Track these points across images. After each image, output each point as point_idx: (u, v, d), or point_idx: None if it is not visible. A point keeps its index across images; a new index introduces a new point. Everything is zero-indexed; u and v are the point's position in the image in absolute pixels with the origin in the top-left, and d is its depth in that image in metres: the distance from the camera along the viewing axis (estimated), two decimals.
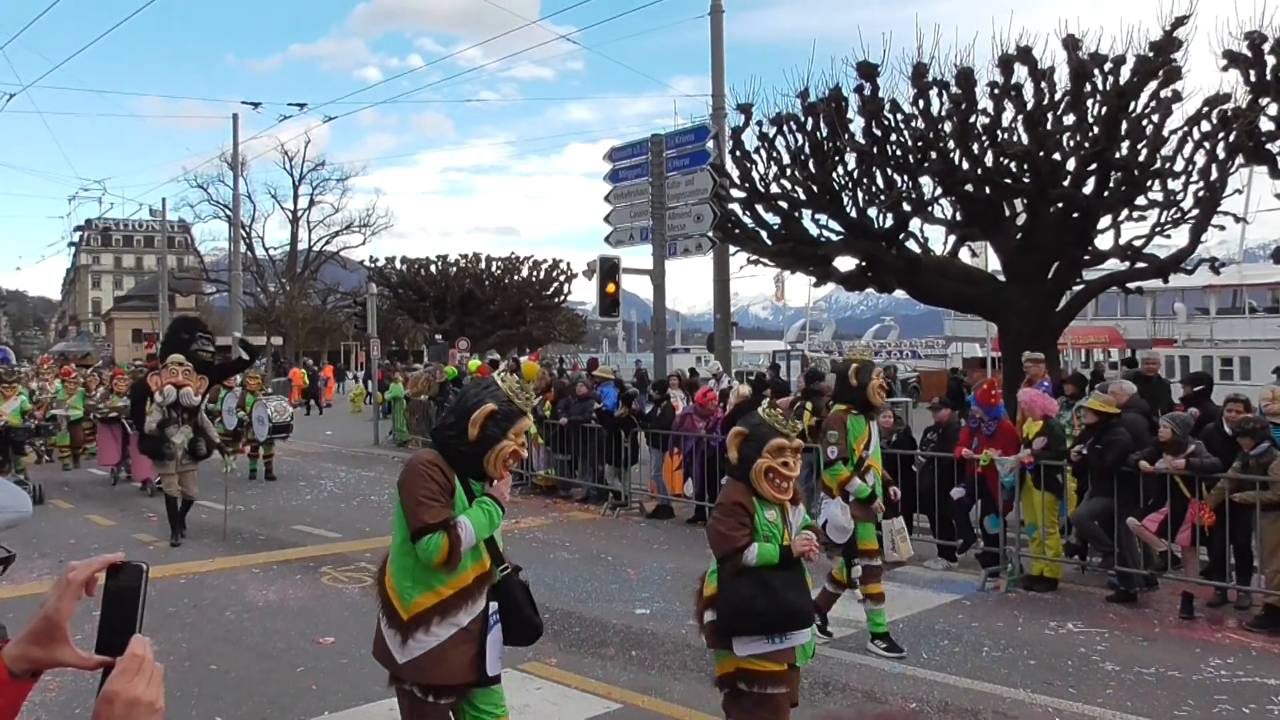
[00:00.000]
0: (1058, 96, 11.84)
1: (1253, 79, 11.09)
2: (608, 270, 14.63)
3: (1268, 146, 11.30)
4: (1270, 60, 10.96)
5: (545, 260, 41.29)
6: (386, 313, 40.33)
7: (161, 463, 9.97)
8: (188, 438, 9.83)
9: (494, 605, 3.39)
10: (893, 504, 6.70)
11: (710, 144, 14.88)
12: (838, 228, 13.68)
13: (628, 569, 8.80)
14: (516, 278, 40.16)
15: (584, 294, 43.85)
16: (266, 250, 51.05)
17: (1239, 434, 7.10)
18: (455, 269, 39.60)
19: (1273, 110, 11.15)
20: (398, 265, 40.26)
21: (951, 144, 12.35)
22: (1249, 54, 11.00)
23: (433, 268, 39.80)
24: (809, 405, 10.38)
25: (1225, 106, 11.36)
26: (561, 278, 40.84)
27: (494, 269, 40.19)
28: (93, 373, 18.95)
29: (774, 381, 14.32)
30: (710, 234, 14.62)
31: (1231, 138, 11.35)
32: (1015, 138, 12.11)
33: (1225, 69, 11.21)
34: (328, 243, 51.37)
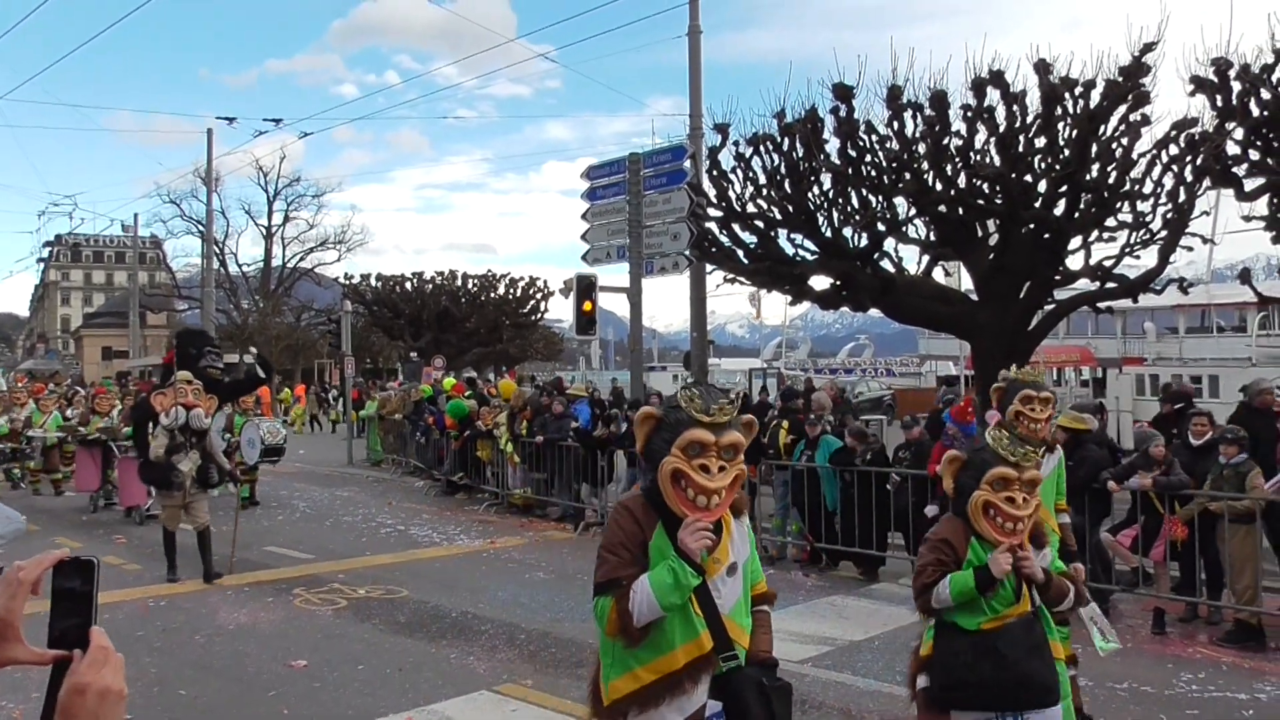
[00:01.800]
0: (1029, 119, 12.02)
1: (1219, 104, 11.34)
2: (585, 288, 14.65)
3: (1234, 170, 11.55)
4: (1236, 86, 11.21)
5: (522, 278, 41.29)
6: (361, 330, 40.09)
7: (167, 493, 9.02)
8: (196, 464, 8.89)
9: (716, 705, 2.52)
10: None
11: (687, 163, 14.98)
12: (813, 247, 13.77)
13: None
14: (493, 295, 40.10)
15: (561, 312, 43.78)
16: (240, 267, 50.70)
17: (1222, 442, 7.21)
18: (431, 286, 39.48)
19: (1238, 134, 11.40)
20: (373, 282, 40.06)
21: (925, 165, 12.50)
22: (1215, 79, 11.25)
23: (408, 285, 39.65)
24: (785, 424, 10.41)
25: (1192, 130, 11.60)
26: (538, 295, 40.81)
27: (470, 286, 40.11)
28: (69, 390, 18.23)
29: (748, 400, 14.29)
30: (687, 252, 14.68)
31: (1199, 161, 11.58)
32: (988, 159, 12.27)
33: (1192, 94, 11.46)
34: (302, 259, 51.08)
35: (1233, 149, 11.47)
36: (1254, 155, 11.47)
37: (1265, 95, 11.08)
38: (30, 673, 1.29)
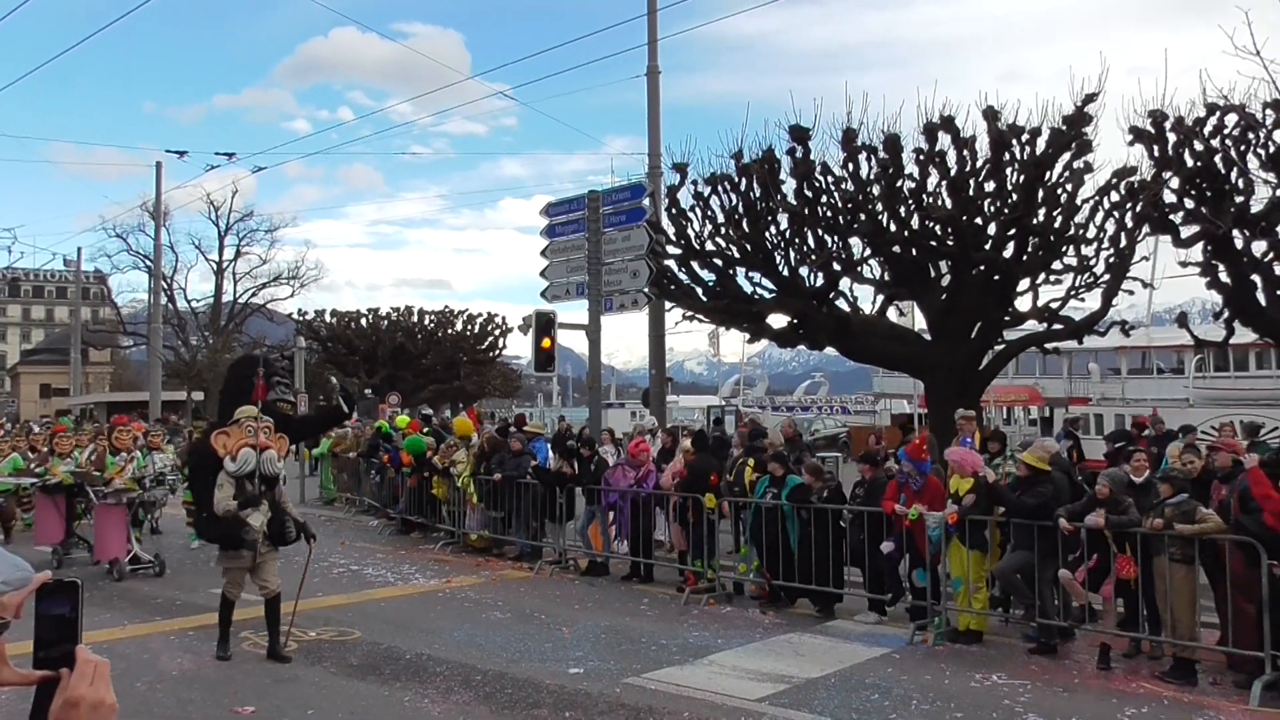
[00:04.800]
0: (979, 164, 12.41)
1: (1156, 154, 11.81)
2: (543, 325, 14.65)
3: (1170, 217, 12.00)
4: (1171, 137, 11.69)
5: (480, 314, 41.19)
6: (315, 367, 39.55)
7: (234, 553, 7.50)
8: (267, 518, 7.45)
9: None
10: None
11: (646, 201, 15.14)
12: (770, 286, 13.98)
13: (561, 627, 8.66)
14: (450, 331, 39.89)
15: (519, 348, 43.67)
16: (189, 302, 49.71)
17: (1161, 480, 7.40)
18: (387, 322, 39.18)
19: (1174, 184, 11.87)
20: (327, 318, 39.65)
21: (879, 206, 12.80)
22: (1152, 130, 11.73)
23: (363, 321, 39.30)
24: (750, 462, 10.44)
25: (1132, 179, 12.05)
26: (496, 332, 40.69)
27: (427, 323, 39.88)
28: (21, 430, 16.75)
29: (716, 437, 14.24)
30: (646, 290, 14.78)
31: (1138, 208, 12.02)
32: (940, 202, 12.61)
33: (1131, 144, 11.94)
34: (254, 295, 50.28)
35: (1169, 197, 11.94)
36: (1189, 204, 11.94)
37: (1198, 147, 11.57)
38: None
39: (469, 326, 40.48)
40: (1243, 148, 11.70)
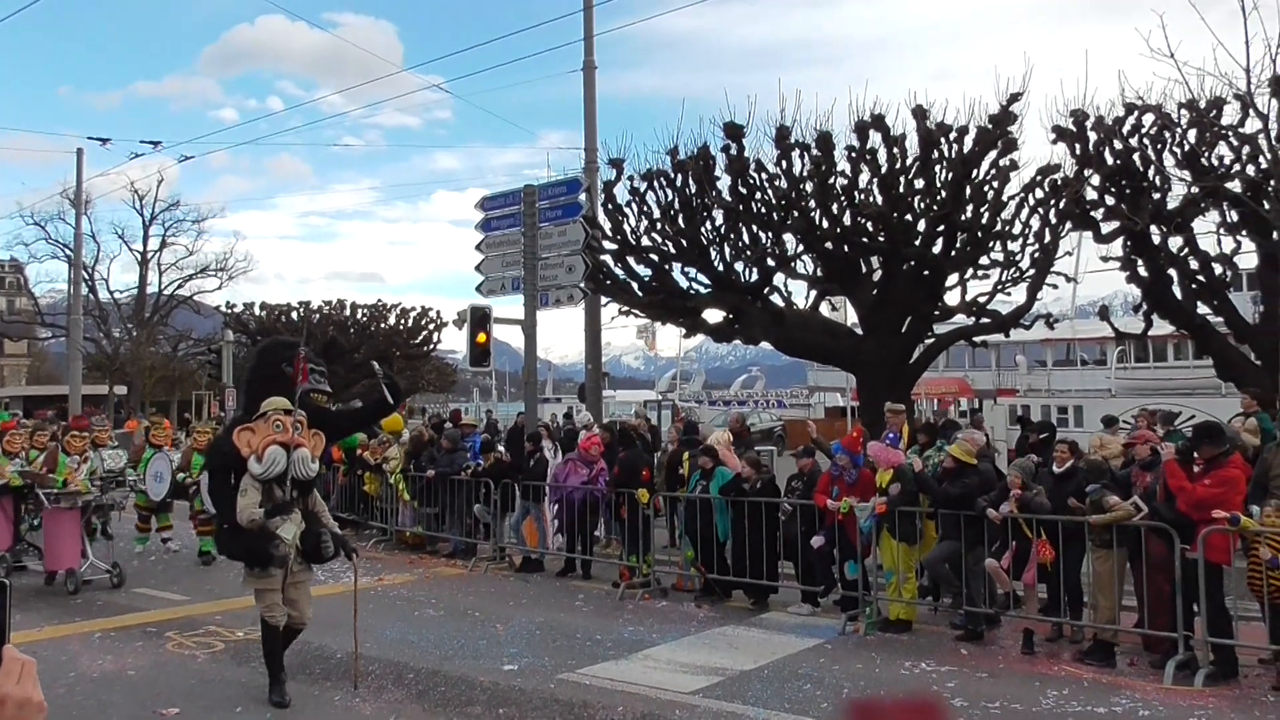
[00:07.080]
0: (909, 162, 12.65)
1: (1078, 152, 12.20)
2: (478, 320, 14.49)
3: (1092, 214, 12.41)
4: (1093, 136, 12.09)
5: (414, 308, 40.55)
6: (243, 360, 38.51)
7: (263, 572, 6.25)
8: (300, 529, 6.27)
9: None
10: None
11: (582, 196, 15.07)
12: (706, 281, 14.08)
13: (496, 624, 8.61)
14: (383, 325, 39.23)
15: (454, 343, 43.09)
16: (111, 293, 47.91)
17: (1082, 471, 7.72)
18: (318, 316, 38.37)
19: (1095, 181, 12.28)
20: (256, 311, 38.65)
21: (812, 203, 12.98)
22: (1074, 129, 12.11)
23: (294, 314, 38.40)
24: (685, 455, 10.51)
25: (1055, 176, 12.42)
26: (430, 326, 40.14)
27: (359, 316, 39.16)
28: None
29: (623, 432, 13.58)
30: (582, 285, 14.73)
31: (1061, 205, 12.40)
32: (871, 199, 12.83)
33: (1054, 142, 12.31)
34: (180, 286, 48.69)
35: (1091, 194, 12.35)
36: (1109, 201, 12.36)
37: (1118, 145, 11.98)
38: None
39: (402, 320, 39.87)
40: (1159, 146, 12.15)
